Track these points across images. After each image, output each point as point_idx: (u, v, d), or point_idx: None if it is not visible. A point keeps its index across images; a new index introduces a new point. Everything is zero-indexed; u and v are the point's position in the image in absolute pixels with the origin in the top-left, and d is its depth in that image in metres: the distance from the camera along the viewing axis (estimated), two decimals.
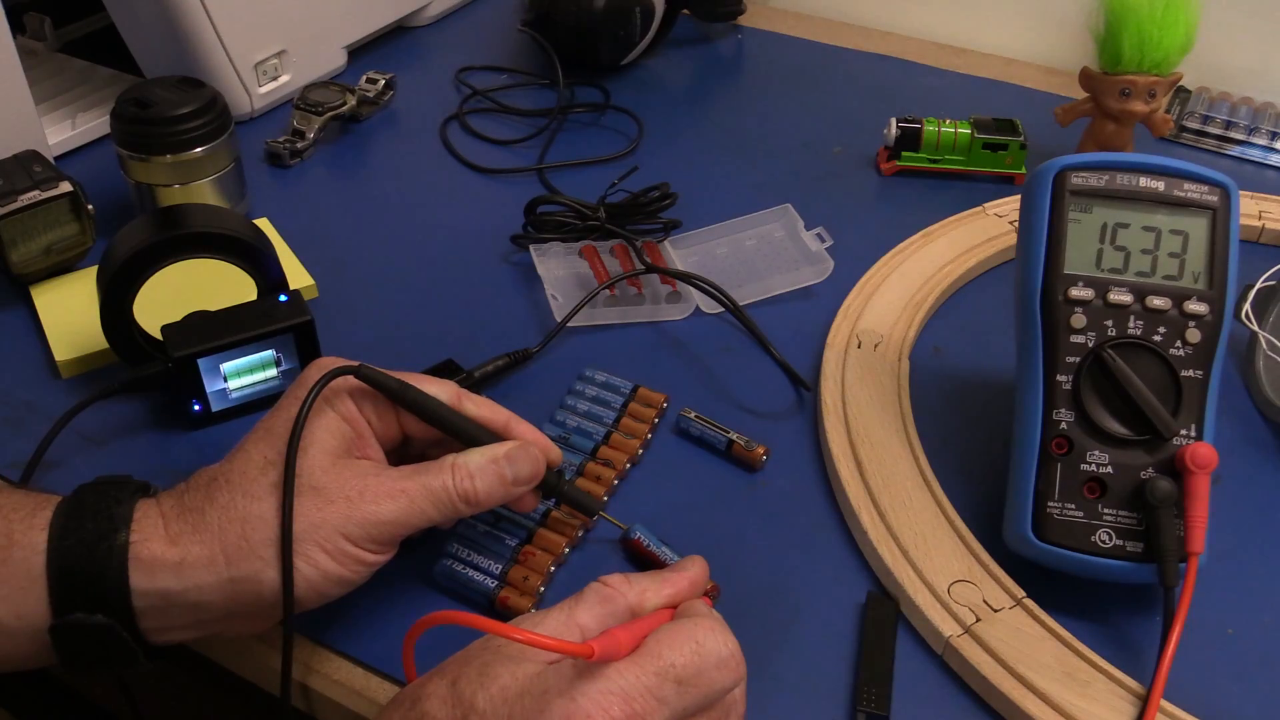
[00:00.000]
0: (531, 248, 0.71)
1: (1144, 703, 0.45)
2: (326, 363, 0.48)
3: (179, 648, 0.53)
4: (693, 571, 0.46)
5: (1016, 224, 0.56)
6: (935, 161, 0.81)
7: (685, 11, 0.99)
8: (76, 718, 0.82)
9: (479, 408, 0.50)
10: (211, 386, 0.58)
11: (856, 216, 0.77)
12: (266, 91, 0.87)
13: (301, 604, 0.44)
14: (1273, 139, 0.86)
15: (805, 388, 0.62)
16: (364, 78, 0.87)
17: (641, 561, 0.52)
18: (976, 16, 1.02)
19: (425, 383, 0.49)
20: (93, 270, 0.62)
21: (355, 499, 0.44)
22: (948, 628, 0.48)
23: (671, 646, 0.38)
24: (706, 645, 0.39)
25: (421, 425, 0.49)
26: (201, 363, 0.57)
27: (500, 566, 0.50)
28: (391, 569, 0.52)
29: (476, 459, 0.47)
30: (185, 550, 0.43)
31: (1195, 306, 0.50)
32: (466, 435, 0.48)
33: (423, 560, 0.52)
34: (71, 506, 0.44)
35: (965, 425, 0.60)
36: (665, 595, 0.44)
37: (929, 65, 0.98)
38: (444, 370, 0.60)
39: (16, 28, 0.79)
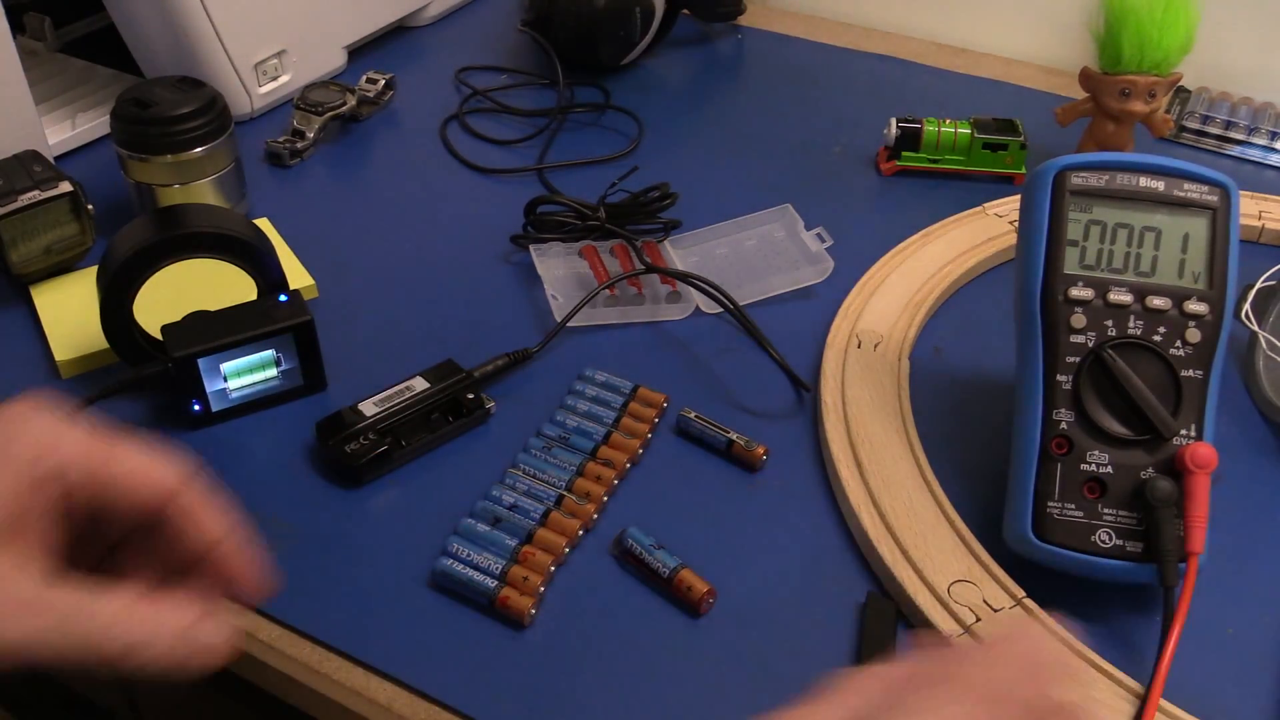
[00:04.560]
0: (531, 248, 0.71)
1: (1143, 702, 0.45)
2: (22, 411, 0.37)
3: None
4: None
5: (1016, 224, 0.56)
6: (935, 161, 0.81)
7: (685, 11, 0.99)
8: (76, 718, 0.82)
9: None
10: (211, 386, 0.58)
11: (856, 216, 0.77)
12: (266, 91, 0.87)
13: None
14: (1273, 139, 0.86)
15: (805, 388, 0.62)
16: (364, 78, 0.87)
17: (633, 567, 0.52)
18: (976, 16, 1.02)
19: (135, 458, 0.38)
20: (93, 270, 0.62)
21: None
22: (948, 628, 0.48)
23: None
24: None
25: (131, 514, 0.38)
26: (201, 363, 0.57)
27: (500, 566, 0.50)
28: (390, 568, 0.52)
29: (151, 615, 0.36)
30: None
31: (1195, 306, 0.50)
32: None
33: (423, 560, 0.52)
34: None
35: (965, 425, 0.60)
36: None
37: (929, 65, 0.98)
38: (444, 370, 0.60)
39: (16, 28, 0.79)
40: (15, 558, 0.36)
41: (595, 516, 0.54)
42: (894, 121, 0.81)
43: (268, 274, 0.61)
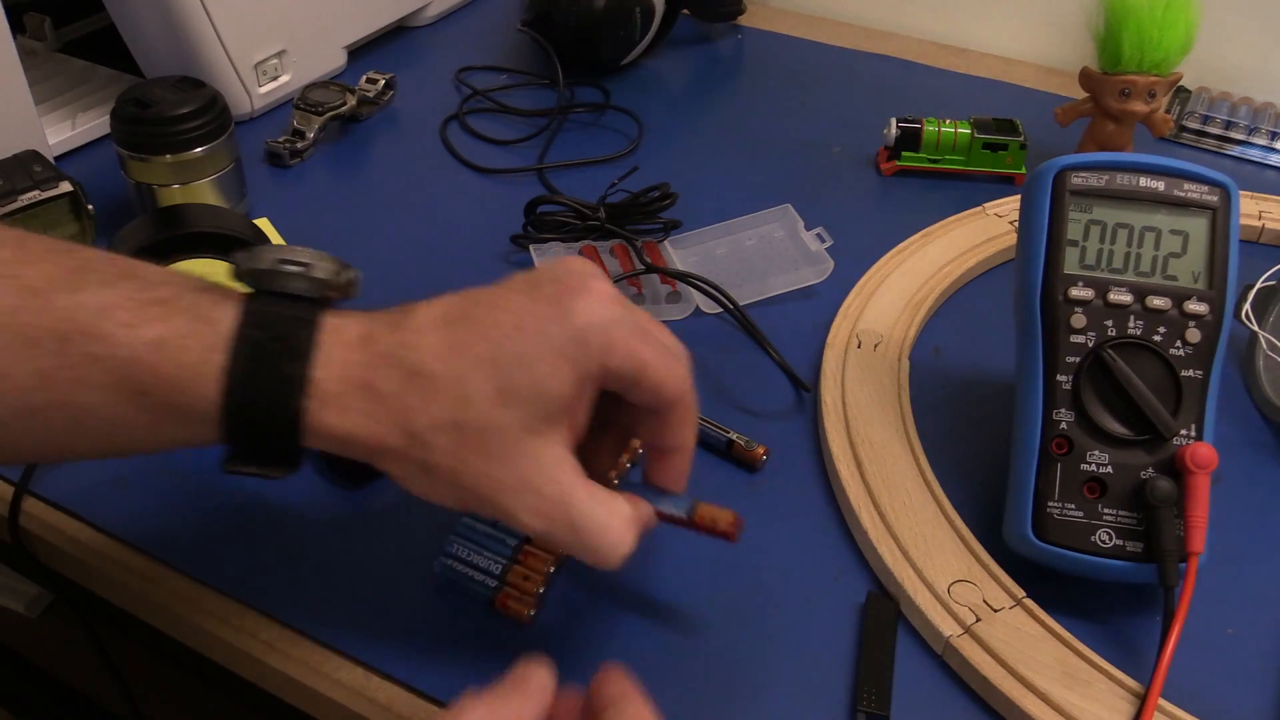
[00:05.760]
0: (531, 248, 0.71)
1: (1142, 702, 0.45)
2: (603, 297, 0.40)
3: (180, 651, 0.53)
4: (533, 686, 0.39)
5: (1016, 224, 0.56)
6: (935, 161, 0.81)
7: (685, 11, 0.99)
8: (76, 718, 0.82)
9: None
10: None
11: (856, 216, 0.77)
12: (266, 91, 0.87)
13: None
14: (1273, 139, 0.86)
15: (805, 388, 0.62)
16: (364, 78, 0.87)
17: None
18: (976, 16, 1.02)
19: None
20: None
21: (509, 491, 0.39)
22: (948, 628, 0.48)
23: None
24: None
25: (637, 405, 0.43)
26: None
27: (500, 566, 0.50)
28: (390, 568, 0.52)
29: (638, 528, 0.42)
30: (359, 430, 0.39)
31: (1195, 306, 0.50)
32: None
33: (422, 559, 0.52)
34: (247, 355, 0.38)
35: (965, 425, 0.60)
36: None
37: (929, 65, 0.98)
38: None
39: (16, 28, 0.79)
40: (563, 446, 0.40)
41: None
42: (894, 121, 0.81)
43: None
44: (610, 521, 0.41)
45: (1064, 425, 0.50)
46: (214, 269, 0.59)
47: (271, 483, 0.56)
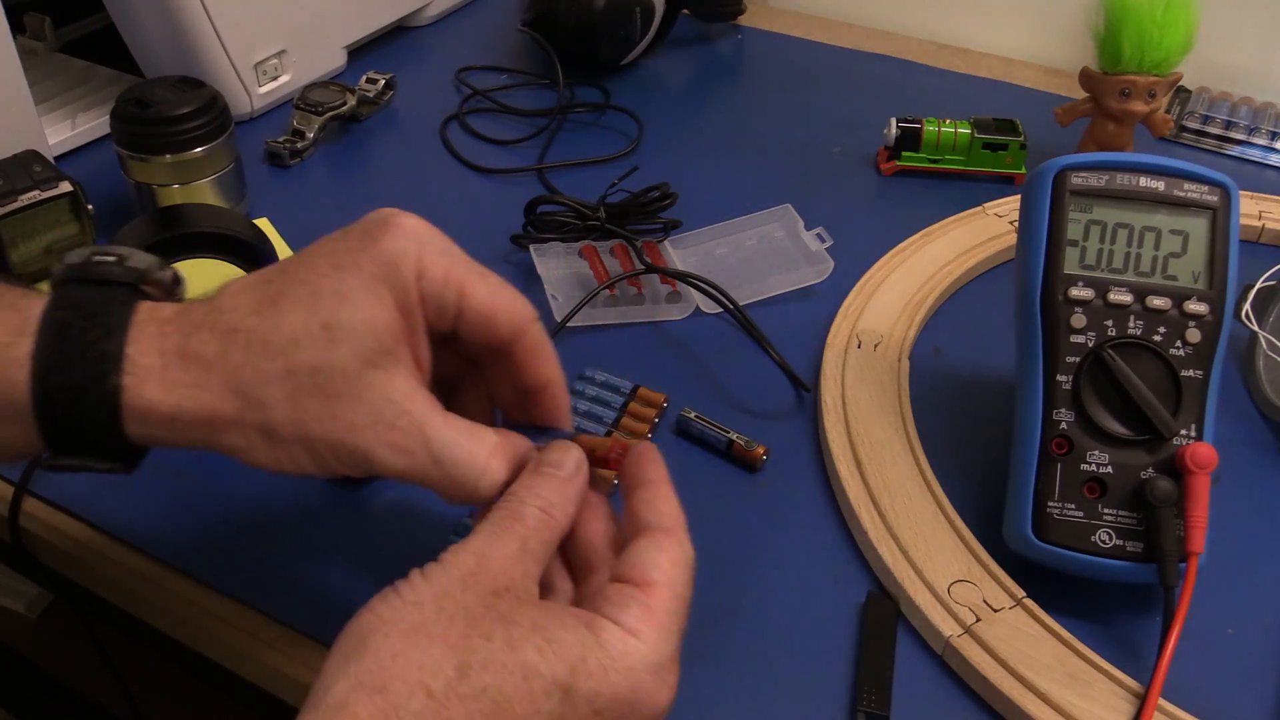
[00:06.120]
0: (531, 248, 0.71)
1: (1142, 702, 0.45)
2: (411, 225, 0.39)
3: (181, 651, 0.53)
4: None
5: (1016, 224, 0.56)
6: (935, 161, 0.81)
7: (685, 11, 0.99)
8: (76, 718, 0.82)
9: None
10: None
11: (856, 216, 0.77)
12: (266, 91, 0.87)
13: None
14: (1273, 139, 0.86)
15: (805, 388, 0.62)
16: (364, 78, 0.87)
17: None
18: (976, 16, 1.02)
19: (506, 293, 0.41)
20: None
21: (362, 429, 0.37)
22: (948, 628, 0.48)
23: (681, 582, 0.38)
24: (688, 554, 0.39)
25: (476, 342, 0.41)
26: None
27: None
28: (390, 567, 0.52)
29: (508, 459, 0.40)
30: (186, 403, 0.37)
31: (1195, 306, 0.50)
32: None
33: (422, 559, 0.52)
34: (56, 334, 0.37)
35: (965, 425, 0.60)
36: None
37: (929, 65, 0.98)
38: None
39: (16, 28, 0.79)
40: (409, 379, 0.38)
41: None
42: (894, 121, 0.81)
43: None
44: (475, 449, 0.39)
45: (1064, 425, 0.50)
46: (214, 269, 0.59)
47: (272, 483, 0.56)
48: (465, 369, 0.44)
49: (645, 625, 0.36)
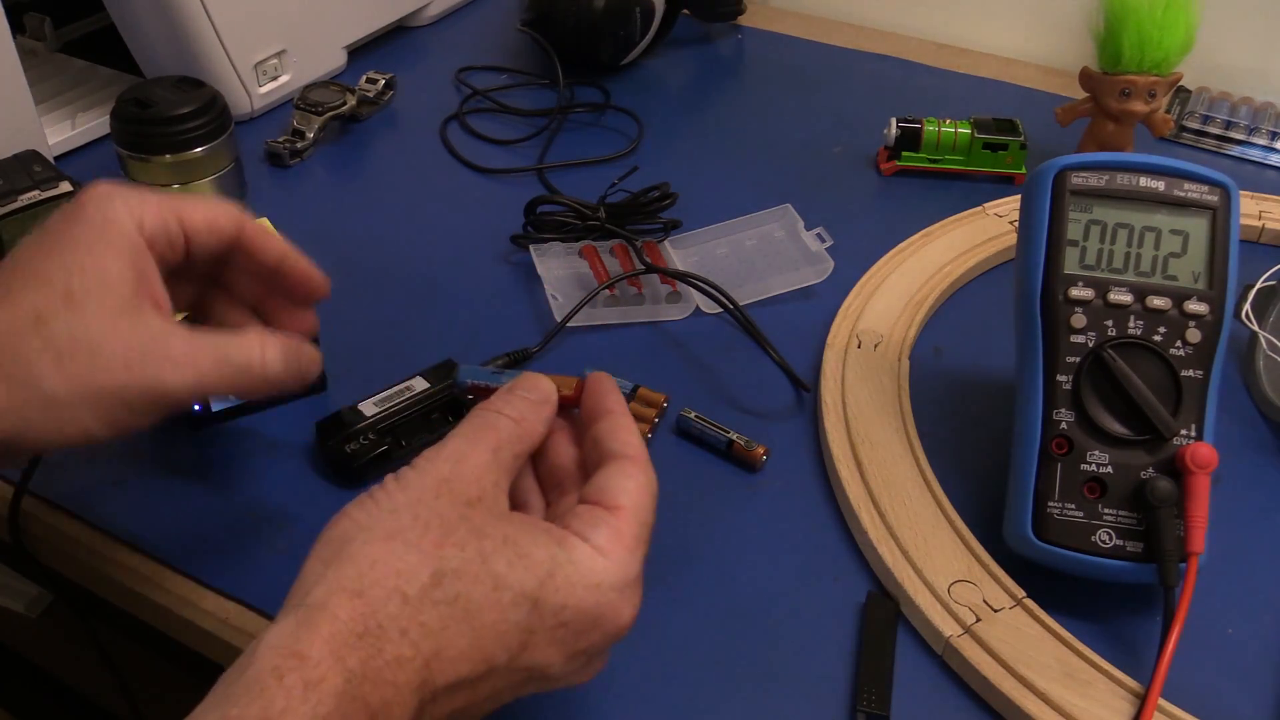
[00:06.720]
0: (531, 248, 0.71)
1: (1142, 702, 0.45)
2: (104, 190, 0.43)
3: (180, 651, 0.53)
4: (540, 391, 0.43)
5: (1016, 224, 0.56)
6: (935, 161, 0.81)
7: (685, 11, 0.99)
8: (76, 717, 0.82)
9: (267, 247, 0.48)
10: None
11: (856, 216, 0.77)
12: (266, 91, 0.87)
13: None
14: (1273, 139, 0.86)
15: (805, 388, 0.62)
16: (364, 78, 0.87)
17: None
18: (976, 16, 1.02)
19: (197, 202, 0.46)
20: None
21: (136, 364, 0.40)
22: (948, 628, 0.48)
23: (646, 508, 0.40)
24: (653, 483, 0.41)
25: (212, 250, 0.46)
26: None
27: None
28: None
29: (280, 342, 0.45)
30: None
31: (1195, 306, 0.50)
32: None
33: None
34: None
35: (965, 425, 0.60)
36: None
37: (929, 65, 0.98)
38: (444, 370, 0.60)
39: (16, 28, 0.79)
40: (160, 316, 0.42)
41: None
42: (894, 121, 0.81)
43: None
44: (246, 338, 0.43)
45: (1064, 425, 0.50)
46: None
47: (271, 483, 0.56)
48: (203, 293, 0.49)
49: (613, 545, 0.38)
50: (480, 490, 0.38)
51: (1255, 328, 0.62)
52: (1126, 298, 0.50)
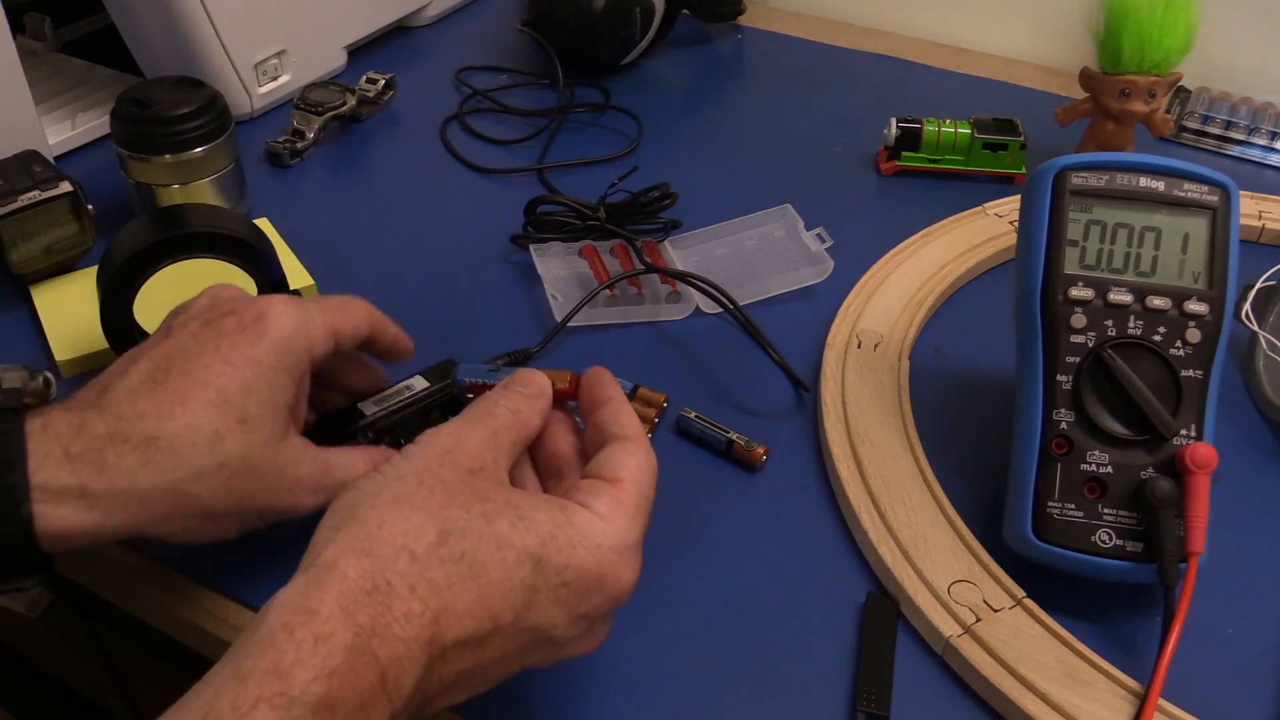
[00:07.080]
0: (531, 248, 0.71)
1: (1142, 702, 0.45)
2: (282, 308, 0.46)
3: (181, 651, 0.53)
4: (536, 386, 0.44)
5: (1016, 224, 0.56)
6: (935, 161, 0.81)
7: (685, 11, 0.99)
8: (76, 717, 0.82)
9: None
10: None
11: (856, 216, 0.77)
12: (266, 91, 0.87)
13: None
14: (1273, 139, 0.86)
15: (805, 388, 0.62)
16: (364, 78, 0.87)
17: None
18: (976, 16, 1.02)
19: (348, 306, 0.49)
20: (93, 270, 0.62)
21: (286, 490, 0.44)
22: (948, 628, 0.48)
23: (646, 483, 0.41)
24: (652, 461, 0.41)
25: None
26: None
27: None
28: None
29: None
30: (108, 520, 0.41)
31: (1195, 306, 0.50)
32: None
33: None
34: None
35: (965, 425, 0.60)
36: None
37: (929, 65, 0.98)
38: (444, 369, 0.60)
39: (16, 28, 0.79)
40: (296, 433, 0.45)
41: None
42: (894, 121, 0.81)
43: (268, 274, 0.61)
44: (354, 463, 0.47)
45: (1064, 425, 0.50)
46: (214, 269, 0.59)
47: None
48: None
49: (613, 511, 0.39)
50: (482, 462, 0.40)
51: (1255, 328, 0.62)
52: (1126, 298, 0.50)
